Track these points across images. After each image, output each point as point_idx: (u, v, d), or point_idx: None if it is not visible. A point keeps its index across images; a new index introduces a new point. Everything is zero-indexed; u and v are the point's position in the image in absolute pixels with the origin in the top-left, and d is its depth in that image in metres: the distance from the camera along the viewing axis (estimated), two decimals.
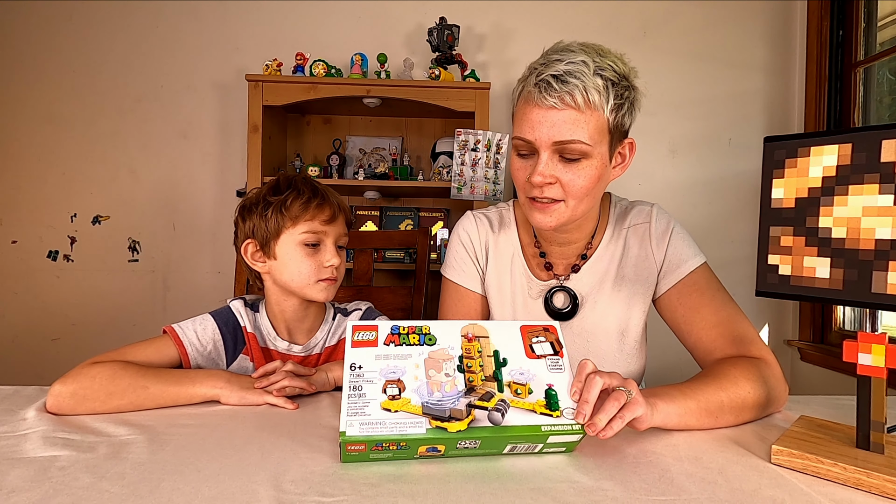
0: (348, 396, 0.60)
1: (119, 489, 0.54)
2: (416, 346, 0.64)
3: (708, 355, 0.85)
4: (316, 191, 0.95)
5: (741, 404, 0.73)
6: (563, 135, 0.78)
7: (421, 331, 0.66)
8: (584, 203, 0.84)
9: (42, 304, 2.26)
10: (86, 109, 2.25)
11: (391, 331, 0.65)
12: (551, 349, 0.67)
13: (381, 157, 2.24)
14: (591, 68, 0.77)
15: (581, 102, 0.76)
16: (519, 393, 0.63)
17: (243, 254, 0.97)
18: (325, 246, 0.95)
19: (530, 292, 0.97)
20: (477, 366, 0.64)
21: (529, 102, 0.80)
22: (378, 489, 0.55)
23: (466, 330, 0.67)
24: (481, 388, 0.62)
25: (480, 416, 0.60)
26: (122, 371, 0.79)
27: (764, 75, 2.32)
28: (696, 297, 0.88)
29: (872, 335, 0.60)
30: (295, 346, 0.99)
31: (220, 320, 0.96)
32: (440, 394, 0.61)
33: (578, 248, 0.95)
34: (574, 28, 2.29)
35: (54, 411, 0.76)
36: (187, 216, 2.28)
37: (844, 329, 2.11)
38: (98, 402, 0.76)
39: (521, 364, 0.65)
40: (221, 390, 0.80)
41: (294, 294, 0.96)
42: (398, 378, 0.62)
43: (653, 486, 0.56)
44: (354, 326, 0.65)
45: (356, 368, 0.62)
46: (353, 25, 2.27)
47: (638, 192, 2.29)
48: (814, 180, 0.64)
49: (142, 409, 0.78)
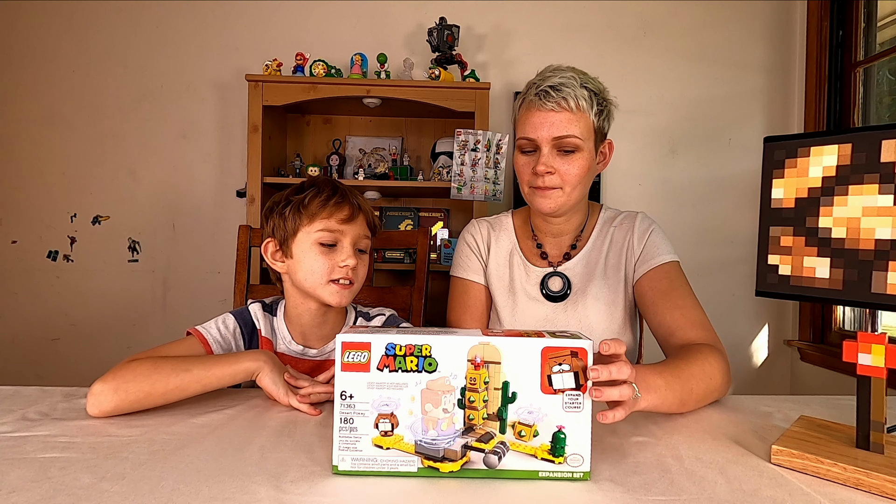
0: (339, 430, 0.57)
1: (119, 489, 0.54)
2: (413, 374, 0.57)
3: (671, 335, 0.94)
4: (336, 189, 0.93)
5: (705, 391, 0.80)
6: (560, 131, 0.96)
7: (421, 352, 0.57)
8: (577, 190, 1.01)
9: (42, 304, 2.26)
10: (86, 109, 2.25)
11: (386, 351, 0.57)
12: (573, 382, 0.57)
13: (381, 158, 2.24)
14: (578, 82, 0.97)
15: (573, 106, 0.96)
16: (523, 435, 0.57)
17: (264, 253, 0.96)
18: (341, 246, 0.92)
19: (527, 279, 1.10)
20: (480, 401, 0.57)
21: (531, 108, 0.98)
22: (378, 489, 0.55)
23: (475, 353, 0.57)
24: (481, 427, 0.57)
25: (476, 457, 0.57)
26: (161, 361, 0.80)
27: (764, 75, 2.32)
28: (666, 283, 1.00)
29: (872, 335, 0.60)
30: (310, 350, 0.97)
31: (240, 319, 0.97)
32: (435, 432, 0.57)
33: (570, 239, 1.11)
34: (574, 28, 2.29)
35: (96, 413, 0.75)
36: (187, 216, 2.28)
37: (844, 329, 2.11)
38: (142, 394, 0.76)
39: (533, 400, 0.57)
40: (264, 364, 0.82)
41: (310, 296, 0.94)
42: (391, 412, 0.57)
43: (653, 486, 0.56)
44: (344, 344, 0.57)
45: (347, 398, 0.57)
46: (353, 25, 2.27)
47: (638, 191, 2.29)
48: (814, 180, 0.64)
49: (186, 396, 0.79)
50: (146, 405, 0.77)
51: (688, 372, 0.78)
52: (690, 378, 0.77)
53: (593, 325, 1.06)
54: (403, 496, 0.54)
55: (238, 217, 2.25)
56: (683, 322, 0.94)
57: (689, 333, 0.92)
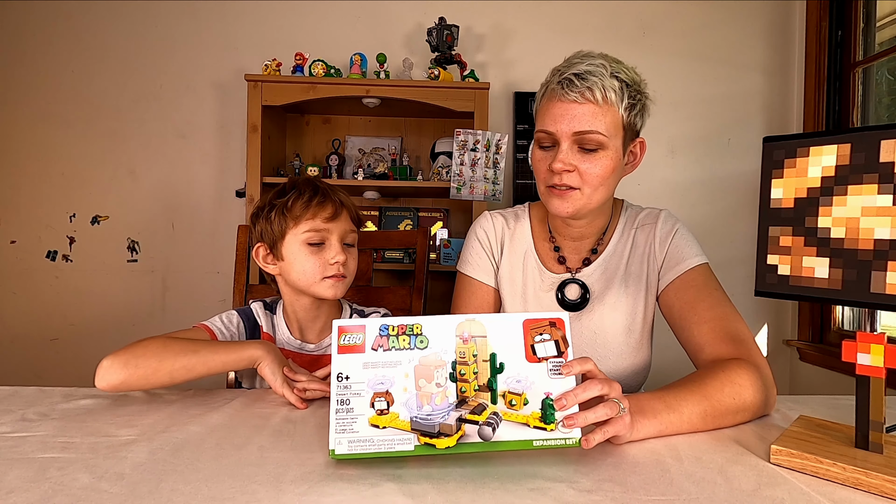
0: (336, 412, 0.59)
1: (119, 489, 0.54)
2: (406, 351, 0.60)
3: (699, 351, 0.86)
4: (316, 189, 0.96)
5: (724, 411, 0.72)
6: (582, 125, 0.85)
7: (412, 330, 0.61)
8: (599, 192, 0.90)
9: (41, 304, 2.26)
10: (85, 109, 2.25)
11: (380, 332, 0.61)
12: (555, 350, 0.62)
13: (381, 157, 2.24)
14: (609, 70, 0.85)
15: (599, 98, 0.84)
16: (514, 404, 0.60)
17: (255, 258, 1.00)
18: (329, 244, 0.96)
19: (542, 285, 1.00)
20: (471, 373, 0.60)
21: (553, 98, 0.87)
22: (377, 489, 0.55)
23: (462, 329, 0.61)
24: (473, 399, 0.60)
25: (470, 430, 0.59)
26: (171, 340, 0.83)
27: (763, 75, 2.32)
28: (693, 294, 0.90)
29: (871, 335, 0.59)
30: (307, 345, 1.01)
31: (243, 316, 1.02)
32: (430, 407, 0.59)
33: (590, 243, 1.00)
34: (574, 28, 2.29)
35: (104, 386, 0.78)
36: (186, 216, 2.28)
37: (843, 329, 2.11)
38: (150, 370, 0.79)
39: (520, 369, 0.61)
40: (267, 354, 0.85)
41: (304, 293, 0.98)
42: (386, 390, 0.59)
43: (653, 486, 0.56)
44: (340, 328, 0.61)
45: (343, 379, 0.59)
46: (353, 25, 2.27)
47: (637, 191, 2.28)
48: (813, 180, 0.64)
49: (191, 377, 0.82)
50: (153, 382, 0.80)
51: (700, 393, 0.71)
52: (704, 399, 0.71)
53: (609, 337, 0.96)
54: (403, 496, 0.54)
55: (237, 217, 2.25)
56: (712, 337, 0.84)
57: (718, 349, 0.82)
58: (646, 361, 0.99)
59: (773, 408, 0.79)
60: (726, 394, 0.72)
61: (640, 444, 0.67)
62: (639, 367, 0.98)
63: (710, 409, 0.71)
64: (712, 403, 0.71)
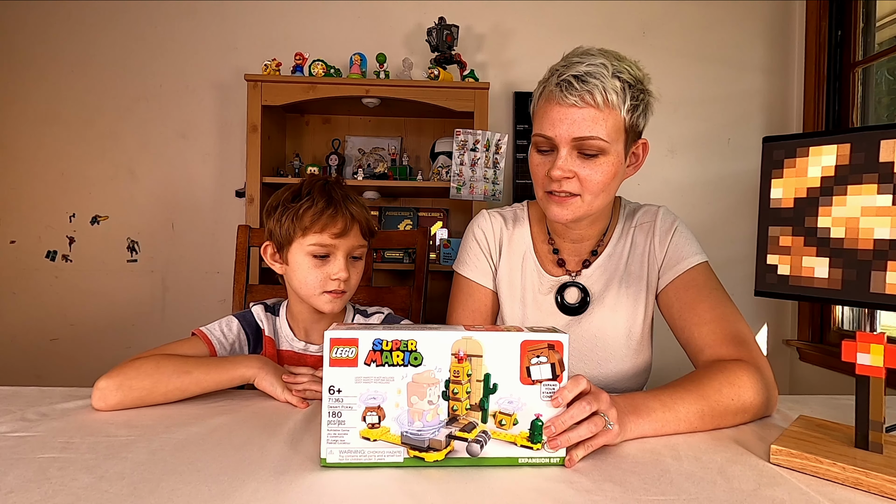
0: (328, 423, 0.59)
1: (119, 489, 0.54)
2: (399, 368, 0.59)
3: (700, 353, 0.84)
4: (330, 201, 0.92)
5: (723, 411, 0.72)
6: (582, 131, 0.81)
7: (406, 346, 0.59)
8: (600, 198, 0.87)
9: (40, 304, 2.25)
10: (84, 109, 2.25)
11: (373, 346, 0.59)
12: (550, 373, 0.60)
13: (381, 157, 2.24)
14: (610, 70, 0.80)
15: (600, 101, 0.80)
16: (503, 424, 0.60)
17: (263, 254, 0.99)
18: (334, 258, 0.93)
19: (541, 288, 0.98)
20: (463, 392, 0.59)
21: (551, 101, 0.83)
22: (378, 489, 0.55)
23: (458, 347, 0.59)
24: (464, 417, 0.60)
25: (459, 446, 0.60)
26: (164, 360, 0.83)
27: (763, 75, 2.32)
28: (693, 293, 0.88)
29: (871, 335, 0.60)
30: (311, 346, 1.01)
31: (244, 321, 1.01)
32: (421, 423, 0.59)
33: (590, 245, 0.98)
34: (574, 28, 2.29)
35: (100, 407, 0.78)
36: (186, 216, 2.28)
37: (843, 329, 2.12)
38: (144, 392, 0.79)
39: (513, 391, 0.60)
40: (259, 370, 0.85)
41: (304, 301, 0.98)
42: (378, 405, 0.59)
43: (652, 486, 0.56)
44: (332, 340, 0.58)
45: (335, 392, 0.59)
46: (353, 25, 2.27)
47: (637, 192, 2.29)
48: (812, 180, 0.64)
49: (185, 396, 0.82)
50: (148, 402, 0.80)
51: (697, 393, 0.71)
52: (701, 398, 0.70)
53: (609, 341, 0.95)
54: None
55: (237, 217, 2.25)
56: (713, 339, 0.83)
57: (718, 351, 0.81)
58: (647, 363, 0.98)
59: (774, 409, 0.79)
60: (725, 394, 0.72)
61: (640, 444, 0.67)
62: (640, 369, 0.97)
63: (708, 409, 0.71)
64: (710, 403, 0.71)
